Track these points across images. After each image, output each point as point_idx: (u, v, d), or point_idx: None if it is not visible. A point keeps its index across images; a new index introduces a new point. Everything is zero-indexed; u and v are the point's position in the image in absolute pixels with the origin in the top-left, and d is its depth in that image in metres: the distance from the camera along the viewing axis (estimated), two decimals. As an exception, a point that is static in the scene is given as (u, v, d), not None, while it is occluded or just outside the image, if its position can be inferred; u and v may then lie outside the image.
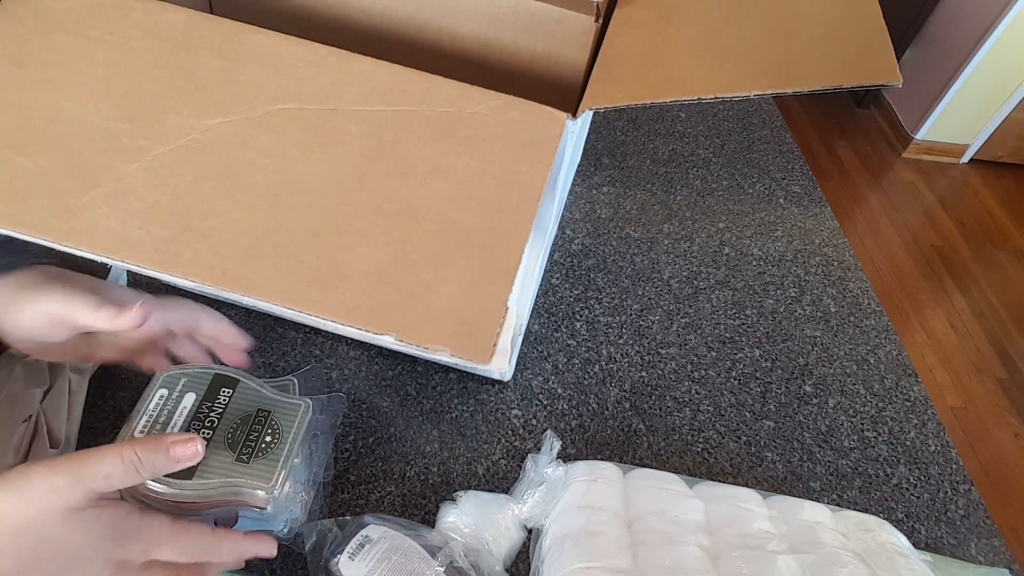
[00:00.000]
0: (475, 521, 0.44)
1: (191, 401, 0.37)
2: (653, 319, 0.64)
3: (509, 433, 0.54)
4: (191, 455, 0.34)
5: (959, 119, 2.36)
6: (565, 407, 0.56)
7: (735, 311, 0.66)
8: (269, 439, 0.37)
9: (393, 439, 0.52)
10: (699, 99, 0.35)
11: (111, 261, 0.32)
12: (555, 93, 0.49)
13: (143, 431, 0.36)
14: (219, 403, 0.37)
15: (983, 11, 2.13)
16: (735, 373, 0.61)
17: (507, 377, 0.57)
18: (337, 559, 0.41)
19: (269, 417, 0.38)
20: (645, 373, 0.60)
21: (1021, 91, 2.23)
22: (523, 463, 0.49)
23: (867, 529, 0.47)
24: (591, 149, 0.82)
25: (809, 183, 0.83)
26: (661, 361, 0.61)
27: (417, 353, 0.57)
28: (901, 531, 0.48)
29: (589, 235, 0.71)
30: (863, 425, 0.59)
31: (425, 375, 0.57)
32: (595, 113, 0.72)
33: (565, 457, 0.52)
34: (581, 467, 0.49)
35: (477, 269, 0.33)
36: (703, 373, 0.60)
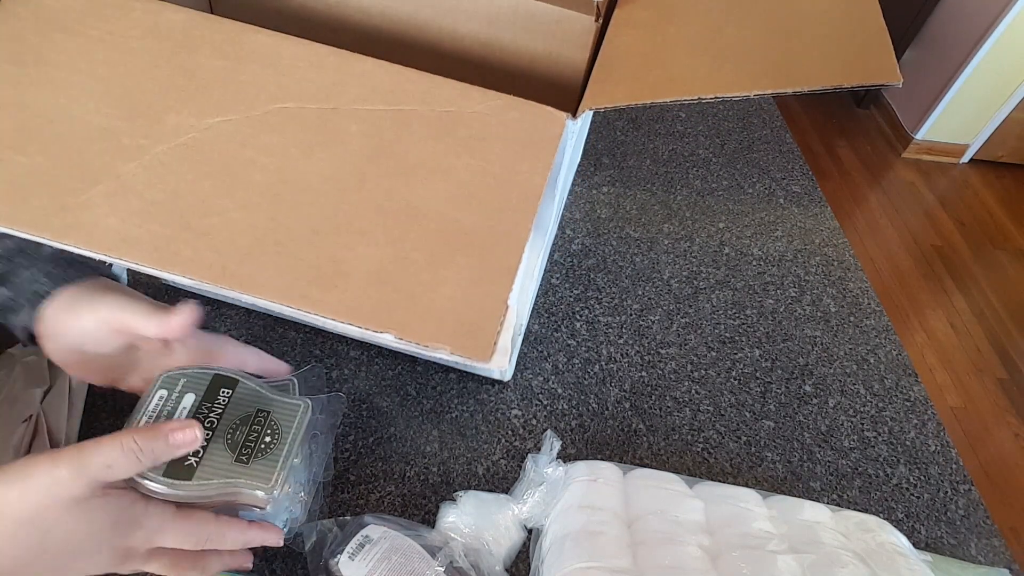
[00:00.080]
0: (475, 521, 0.44)
1: (191, 401, 0.37)
2: (653, 319, 0.64)
3: (509, 433, 0.54)
4: (190, 440, 0.35)
5: (959, 119, 2.36)
6: (565, 407, 0.56)
7: (735, 311, 0.66)
8: (268, 439, 0.37)
9: (393, 439, 0.52)
10: (699, 99, 0.35)
11: (111, 259, 0.32)
12: (555, 93, 0.49)
13: None
14: (218, 403, 0.37)
15: (983, 11, 2.13)
16: (735, 373, 0.61)
17: (507, 377, 0.57)
18: (337, 559, 0.41)
19: (269, 417, 0.38)
20: (645, 373, 0.60)
21: (1021, 91, 2.23)
22: (523, 463, 0.49)
23: (867, 529, 0.47)
24: (591, 149, 0.82)
25: (809, 183, 0.83)
26: (661, 361, 0.61)
27: (417, 352, 0.57)
28: (901, 531, 0.48)
29: (589, 235, 0.71)
30: (863, 425, 0.59)
31: (425, 375, 0.57)
32: (595, 113, 0.72)
33: (565, 457, 0.52)
34: (581, 467, 0.49)
35: (477, 268, 0.33)
36: (703, 373, 0.60)
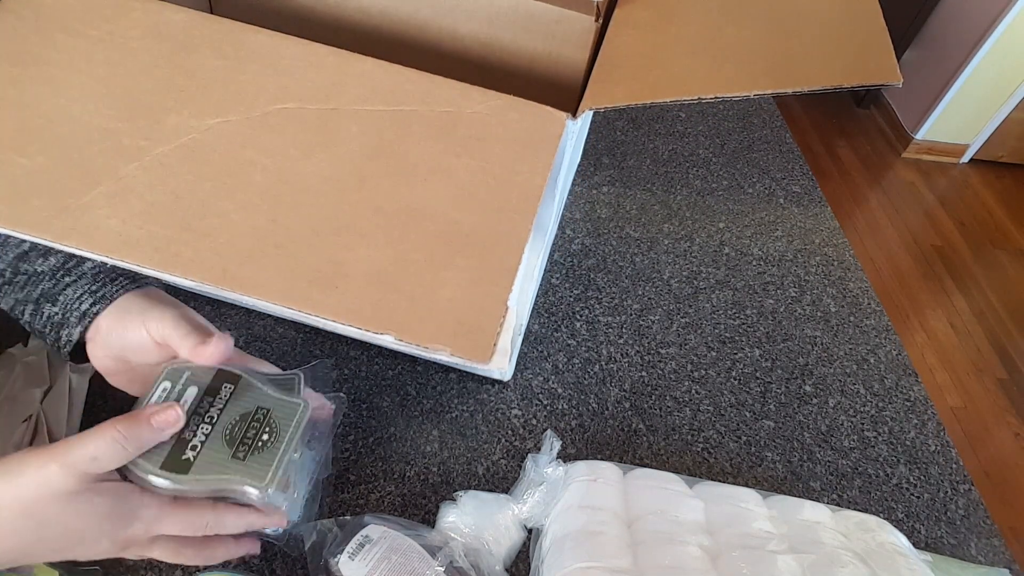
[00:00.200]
0: (475, 521, 0.44)
1: (192, 395, 0.37)
2: (653, 319, 0.64)
3: (509, 433, 0.54)
4: (172, 420, 0.35)
5: (959, 119, 2.36)
6: (565, 407, 0.56)
7: (735, 311, 0.66)
8: (266, 437, 0.37)
9: (393, 439, 0.52)
10: (699, 99, 0.35)
11: (111, 260, 0.32)
12: (555, 93, 0.49)
13: None
14: (220, 398, 0.38)
15: (983, 11, 2.13)
16: (735, 373, 0.61)
17: (507, 377, 0.57)
18: (337, 559, 0.41)
19: (268, 415, 0.38)
20: (645, 373, 0.60)
21: (1021, 91, 2.23)
22: (523, 463, 0.49)
23: (867, 529, 0.47)
24: (591, 149, 0.82)
25: (809, 183, 0.83)
26: (661, 361, 0.61)
27: (417, 353, 0.57)
28: (901, 531, 0.48)
29: (589, 235, 0.71)
30: (863, 425, 0.59)
31: (425, 375, 0.57)
32: (595, 113, 0.72)
33: (565, 457, 0.52)
34: (581, 467, 0.49)
35: (477, 269, 0.33)
36: (703, 373, 0.60)
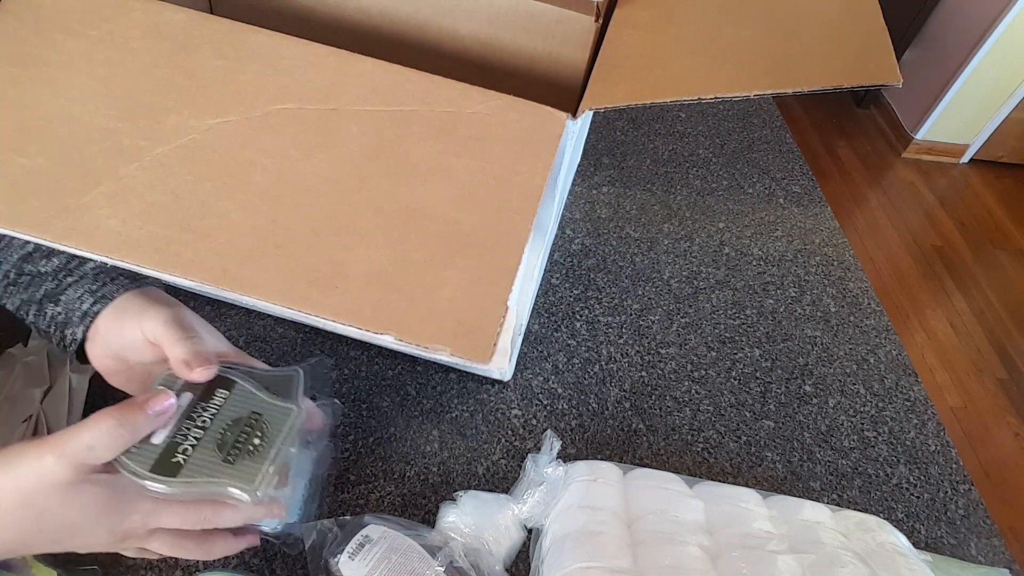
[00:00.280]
0: (475, 521, 0.44)
1: (187, 400, 0.37)
2: (653, 319, 0.64)
3: (509, 433, 0.54)
4: (167, 407, 0.35)
5: (959, 119, 2.36)
6: (565, 407, 0.56)
7: (735, 311, 0.66)
8: (257, 441, 0.37)
9: (393, 439, 0.52)
10: (699, 99, 0.35)
11: (111, 261, 0.32)
12: (555, 93, 0.49)
13: None
14: (214, 403, 0.38)
15: (983, 11, 2.13)
16: (735, 373, 0.61)
17: (507, 377, 0.57)
18: (337, 559, 0.41)
19: (260, 420, 0.38)
20: (645, 373, 0.60)
21: (1021, 91, 2.23)
22: (523, 463, 0.49)
23: (867, 529, 0.47)
24: (591, 149, 0.82)
25: (809, 183, 0.83)
26: (661, 361, 0.61)
27: (417, 353, 0.57)
28: (901, 531, 0.48)
29: (589, 235, 0.71)
30: (863, 425, 0.59)
31: (425, 375, 0.57)
32: (595, 113, 0.72)
33: (565, 457, 0.52)
34: (581, 467, 0.49)
35: (477, 269, 0.33)
36: (703, 373, 0.60)
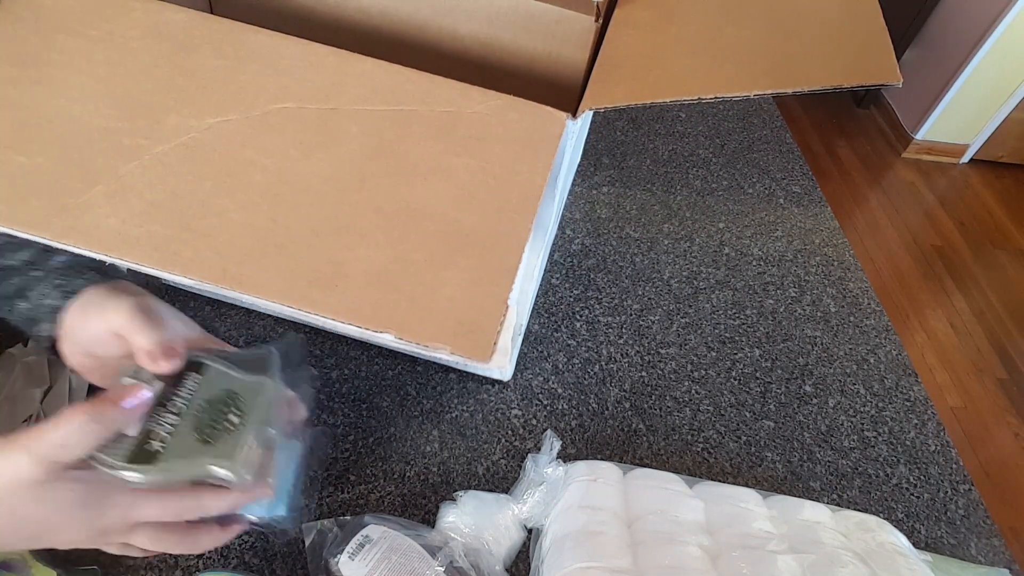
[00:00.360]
0: (475, 521, 0.44)
1: (159, 388, 0.36)
2: (653, 319, 0.64)
3: (509, 433, 0.54)
4: (141, 399, 0.34)
5: (959, 119, 2.36)
6: (565, 407, 0.56)
7: (735, 311, 0.66)
8: (235, 419, 0.36)
9: (393, 439, 0.52)
10: (699, 99, 0.35)
11: (110, 259, 0.32)
12: (555, 93, 0.49)
13: None
14: (186, 388, 0.37)
15: (983, 11, 2.13)
16: (735, 373, 0.61)
17: (507, 377, 0.57)
18: (337, 559, 0.41)
19: (236, 397, 0.37)
20: (645, 373, 0.60)
21: (1021, 91, 2.23)
22: (523, 463, 0.49)
23: (867, 529, 0.47)
24: (591, 149, 0.82)
25: (809, 183, 0.83)
26: (661, 361, 0.61)
27: (417, 352, 0.57)
28: (901, 531, 0.48)
29: (589, 235, 0.71)
30: (863, 425, 0.59)
31: (425, 375, 0.57)
32: (595, 113, 0.72)
33: (565, 457, 0.52)
34: (581, 467, 0.49)
35: (477, 269, 0.33)
36: (703, 373, 0.60)
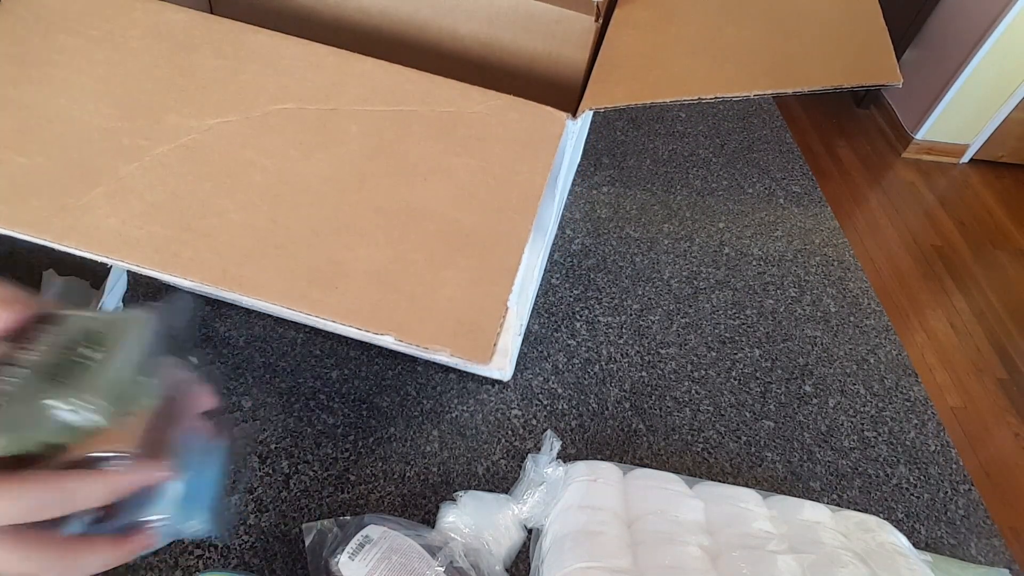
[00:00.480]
0: (475, 521, 0.44)
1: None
2: (653, 319, 0.64)
3: (509, 433, 0.54)
4: None
5: (959, 119, 2.37)
6: (565, 407, 0.56)
7: (735, 311, 0.66)
8: (100, 356, 0.29)
9: (393, 439, 0.52)
10: (699, 99, 0.35)
11: (110, 261, 0.32)
12: (555, 93, 0.49)
13: None
14: (39, 340, 0.29)
15: (983, 11, 2.13)
16: (735, 373, 0.61)
17: (507, 377, 0.57)
18: (337, 559, 0.41)
19: (101, 336, 0.30)
20: (645, 373, 0.60)
21: (1021, 91, 2.24)
22: (523, 463, 0.49)
23: (867, 529, 0.47)
24: (591, 149, 0.82)
25: (809, 183, 0.83)
26: (661, 361, 0.61)
27: (417, 353, 0.57)
28: (901, 531, 0.48)
29: (589, 235, 0.71)
30: (863, 425, 0.59)
31: (425, 375, 0.57)
32: (595, 113, 0.72)
33: (565, 457, 0.52)
34: (581, 467, 0.49)
35: (477, 269, 0.33)
36: (703, 373, 0.60)
